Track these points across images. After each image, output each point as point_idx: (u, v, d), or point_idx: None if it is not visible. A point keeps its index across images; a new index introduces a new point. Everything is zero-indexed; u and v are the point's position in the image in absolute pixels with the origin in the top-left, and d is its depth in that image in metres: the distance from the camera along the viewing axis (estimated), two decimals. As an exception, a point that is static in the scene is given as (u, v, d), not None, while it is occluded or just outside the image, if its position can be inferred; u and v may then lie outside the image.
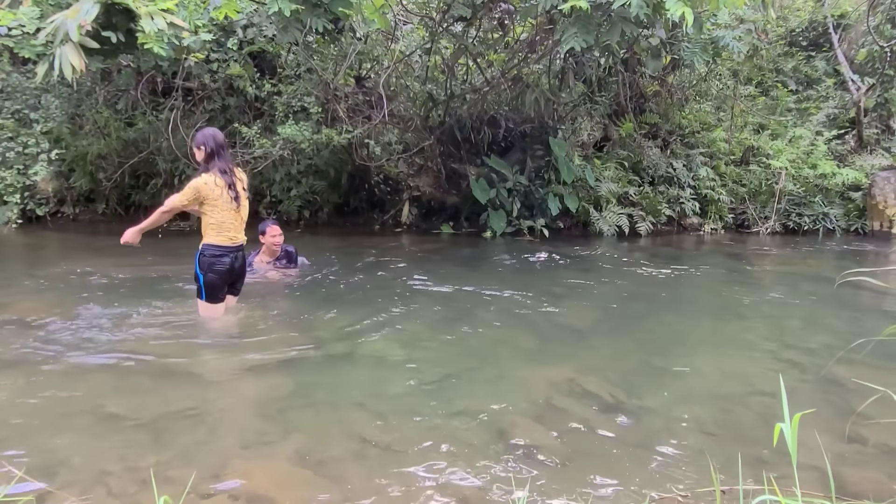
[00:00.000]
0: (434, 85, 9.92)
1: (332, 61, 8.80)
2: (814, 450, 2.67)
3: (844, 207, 10.53)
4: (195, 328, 4.42)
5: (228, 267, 4.32)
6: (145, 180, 9.37)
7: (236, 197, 4.24)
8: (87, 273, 5.88)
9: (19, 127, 8.84)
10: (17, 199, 8.61)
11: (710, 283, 6.83)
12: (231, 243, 4.30)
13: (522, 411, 3.26)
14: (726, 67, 11.17)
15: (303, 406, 3.30)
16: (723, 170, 10.68)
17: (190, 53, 7.78)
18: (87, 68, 4.89)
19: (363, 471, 2.63)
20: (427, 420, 3.13)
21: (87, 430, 2.94)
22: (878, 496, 2.44)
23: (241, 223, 4.39)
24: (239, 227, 4.36)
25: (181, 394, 3.41)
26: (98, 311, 4.72)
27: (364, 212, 9.93)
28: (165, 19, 4.87)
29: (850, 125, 11.57)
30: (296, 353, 4.08)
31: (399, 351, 4.20)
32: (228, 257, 4.30)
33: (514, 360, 4.10)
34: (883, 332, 2.99)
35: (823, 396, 3.57)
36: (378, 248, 7.96)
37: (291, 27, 5.60)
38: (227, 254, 4.29)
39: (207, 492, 2.43)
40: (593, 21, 5.63)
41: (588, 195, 9.73)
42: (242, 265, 4.51)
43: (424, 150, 9.36)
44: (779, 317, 5.43)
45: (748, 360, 4.21)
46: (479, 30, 9.05)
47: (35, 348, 3.94)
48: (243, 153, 8.26)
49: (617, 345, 4.53)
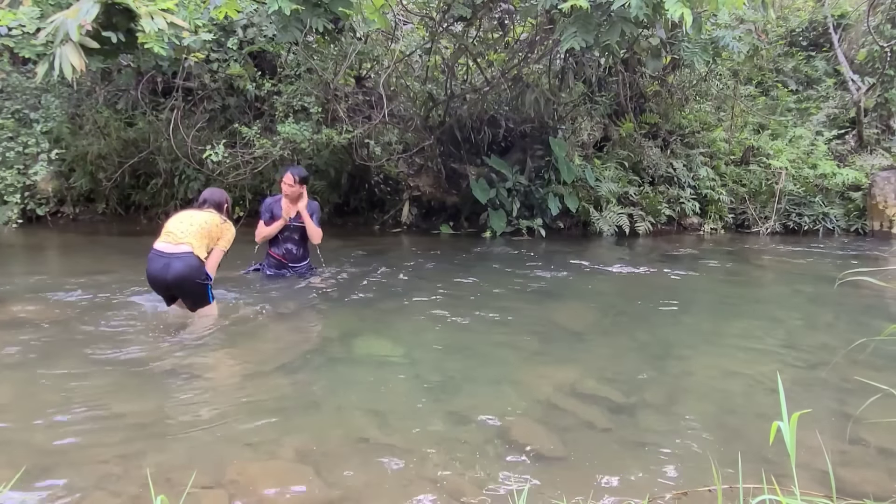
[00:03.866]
0: (434, 85, 9.92)
1: (332, 61, 8.80)
2: (814, 449, 2.67)
3: (844, 207, 10.53)
4: (195, 328, 4.42)
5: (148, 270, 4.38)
6: (145, 180, 9.37)
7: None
8: (87, 273, 5.87)
9: (19, 127, 8.83)
10: (17, 198, 8.60)
11: (710, 282, 6.82)
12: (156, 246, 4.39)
13: (522, 411, 3.26)
14: (726, 67, 11.16)
15: (303, 406, 3.30)
16: (723, 170, 10.68)
17: (190, 53, 7.78)
18: (87, 68, 4.88)
19: (363, 471, 2.63)
20: (427, 420, 3.13)
21: (86, 429, 2.94)
22: (878, 496, 2.44)
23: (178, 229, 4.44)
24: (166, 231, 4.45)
25: (181, 393, 3.41)
26: (98, 310, 4.71)
27: (364, 212, 9.93)
28: (165, 19, 4.86)
29: (850, 125, 11.57)
30: (296, 353, 4.08)
31: (399, 351, 4.20)
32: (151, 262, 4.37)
33: (513, 360, 4.10)
34: (883, 332, 2.99)
35: (824, 396, 3.57)
36: (378, 247, 7.97)
37: (291, 27, 5.60)
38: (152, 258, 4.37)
39: (207, 492, 2.43)
40: (593, 21, 5.63)
41: (588, 195, 9.72)
42: (182, 272, 4.33)
43: (424, 150, 9.36)
44: (779, 317, 5.43)
45: (748, 359, 4.21)
46: (479, 30, 9.05)
47: (35, 348, 3.94)
48: (243, 153, 8.26)
49: (617, 344, 4.53)
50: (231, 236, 4.67)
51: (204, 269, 4.42)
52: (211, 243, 4.56)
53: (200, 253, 4.40)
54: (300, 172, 5.63)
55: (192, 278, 4.35)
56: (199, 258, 4.38)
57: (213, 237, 4.56)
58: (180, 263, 4.30)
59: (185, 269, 4.31)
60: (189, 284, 4.38)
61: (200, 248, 4.41)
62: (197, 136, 8.61)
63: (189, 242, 4.36)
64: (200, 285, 4.42)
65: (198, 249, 4.38)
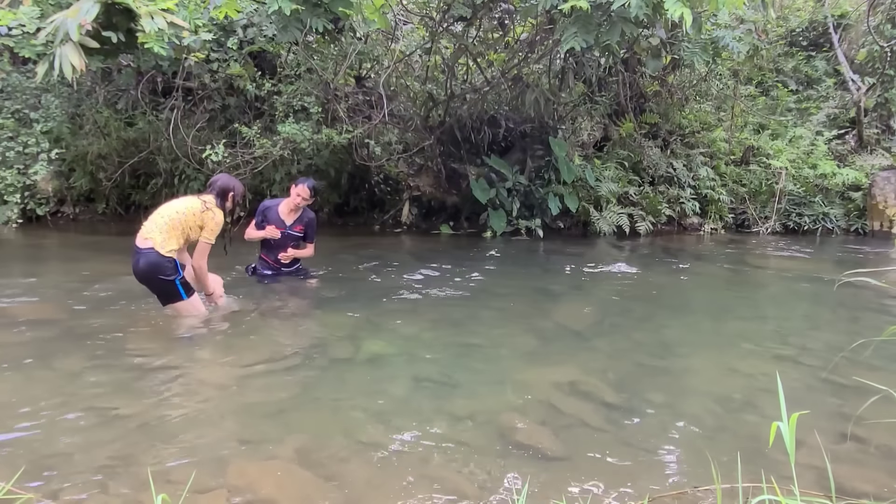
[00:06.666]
0: (434, 85, 9.92)
1: (332, 61, 8.80)
2: (814, 449, 2.67)
3: (844, 207, 10.53)
4: (195, 328, 4.42)
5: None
6: (145, 180, 9.37)
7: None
8: (86, 273, 5.88)
9: (19, 126, 8.84)
10: (17, 198, 8.61)
11: (710, 282, 6.82)
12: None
13: (522, 411, 3.26)
14: (726, 67, 11.17)
15: (303, 406, 3.30)
16: (723, 170, 10.68)
17: (190, 53, 7.78)
18: (87, 68, 4.88)
19: (363, 471, 2.63)
20: (427, 420, 3.13)
21: (86, 429, 2.94)
22: (878, 496, 2.44)
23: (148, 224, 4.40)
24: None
25: (181, 393, 3.40)
26: (98, 310, 4.71)
27: (364, 212, 9.93)
28: (165, 19, 4.87)
29: (850, 125, 11.58)
30: (296, 353, 4.08)
31: (399, 351, 4.20)
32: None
33: (513, 360, 4.10)
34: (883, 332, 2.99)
35: (824, 396, 3.57)
36: (378, 247, 7.97)
37: (291, 27, 5.61)
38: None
39: (207, 492, 2.43)
40: (593, 21, 5.63)
41: (588, 195, 9.73)
42: (144, 269, 4.32)
43: (424, 149, 9.36)
44: (779, 317, 5.43)
45: (748, 359, 4.20)
46: (479, 30, 9.05)
47: (34, 348, 3.94)
48: (243, 153, 8.26)
49: (616, 344, 4.53)
50: (215, 226, 4.43)
51: (168, 264, 4.27)
52: (191, 234, 4.40)
53: (167, 247, 4.26)
54: (314, 185, 5.64)
55: (155, 274, 4.28)
56: (161, 253, 4.24)
57: (189, 227, 4.37)
58: (143, 259, 4.26)
59: (145, 266, 4.27)
60: (154, 281, 4.33)
61: (168, 242, 4.28)
62: (197, 135, 8.62)
63: (152, 238, 4.27)
64: (165, 281, 4.31)
65: (162, 244, 4.25)
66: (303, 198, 5.53)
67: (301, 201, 5.55)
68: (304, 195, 5.52)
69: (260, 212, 5.69)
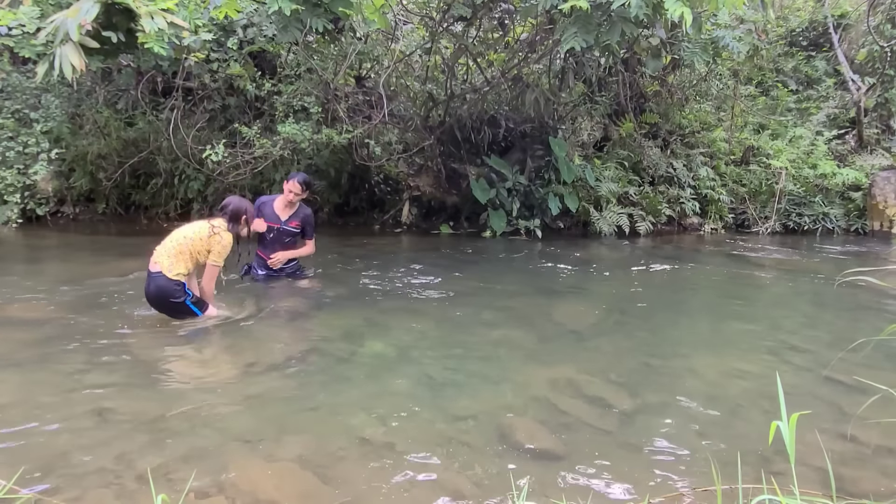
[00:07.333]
0: (434, 85, 9.92)
1: (332, 61, 8.79)
2: (814, 449, 2.67)
3: (844, 207, 10.53)
4: (195, 329, 4.42)
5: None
6: (145, 180, 9.36)
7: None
8: (86, 273, 5.88)
9: (19, 126, 8.83)
10: (17, 198, 8.60)
11: (710, 282, 6.82)
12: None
13: (522, 411, 3.26)
14: (726, 67, 11.16)
15: (303, 406, 3.30)
16: (723, 170, 10.67)
17: (190, 53, 7.78)
18: (87, 68, 4.88)
19: (363, 471, 2.63)
20: (427, 420, 3.13)
21: (87, 429, 2.94)
22: (878, 496, 2.44)
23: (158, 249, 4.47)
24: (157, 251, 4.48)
25: (181, 393, 3.41)
26: (98, 310, 4.72)
27: (364, 212, 9.93)
28: (165, 19, 4.86)
29: (850, 125, 11.57)
30: (296, 354, 4.09)
31: (399, 351, 4.20)
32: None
33: (514, 360, 4.10)
34: (883, 331, 2.99)
35: (824, 396, 3.57)
36: (378, 247, 7.97)
37: (291, 27, 5.60)
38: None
39: (207, 492, 2.43)
40: (593, 21, 5.62)
41: (588, 195, 9.72)
42: (154, 293, 4.42)
43: (424, 149, 9.35)
44: (779, 316, 5.43)
45: (748, 359, 4.21)
46: (479, 30, 9.05)
47: (34, 348, 3.94)
48: (243, 153, 8.26)
49: (617, 344, 4.53)
50: (222, 249, 4.51)
51: (177, 287, 4.36)
52: (200, 258, 4.49)
53: (174, 270, 4.34)
54: (306, 179, 5.62)
55: (165, 298, 4.38)
56: (170, 277, 4.32)
57: (197, 251, 4.46)
58: (153, 284, 4.37)
59: (155, 290, 4.37)
60: (165, 304, 4.43)
61: (175, 266, 4.36)
62: (197, 135, 8.61)
63: (160, 262, 4.36)
64: (176, 304, 4.40)
65: (169, 268, 4.34)
66: (294, 193, 5.53)
67: (293, 196, 5.55)
68: (295, 190, 5.52)
69: (256, 207, 5.69)
